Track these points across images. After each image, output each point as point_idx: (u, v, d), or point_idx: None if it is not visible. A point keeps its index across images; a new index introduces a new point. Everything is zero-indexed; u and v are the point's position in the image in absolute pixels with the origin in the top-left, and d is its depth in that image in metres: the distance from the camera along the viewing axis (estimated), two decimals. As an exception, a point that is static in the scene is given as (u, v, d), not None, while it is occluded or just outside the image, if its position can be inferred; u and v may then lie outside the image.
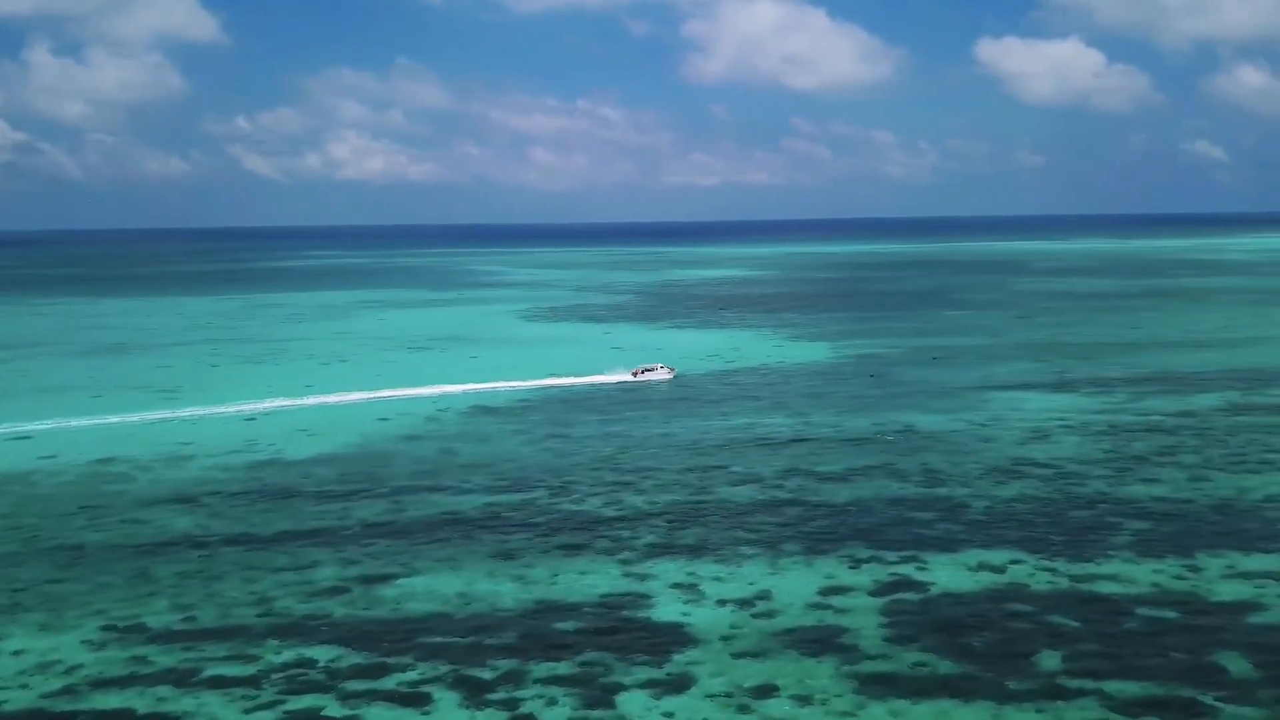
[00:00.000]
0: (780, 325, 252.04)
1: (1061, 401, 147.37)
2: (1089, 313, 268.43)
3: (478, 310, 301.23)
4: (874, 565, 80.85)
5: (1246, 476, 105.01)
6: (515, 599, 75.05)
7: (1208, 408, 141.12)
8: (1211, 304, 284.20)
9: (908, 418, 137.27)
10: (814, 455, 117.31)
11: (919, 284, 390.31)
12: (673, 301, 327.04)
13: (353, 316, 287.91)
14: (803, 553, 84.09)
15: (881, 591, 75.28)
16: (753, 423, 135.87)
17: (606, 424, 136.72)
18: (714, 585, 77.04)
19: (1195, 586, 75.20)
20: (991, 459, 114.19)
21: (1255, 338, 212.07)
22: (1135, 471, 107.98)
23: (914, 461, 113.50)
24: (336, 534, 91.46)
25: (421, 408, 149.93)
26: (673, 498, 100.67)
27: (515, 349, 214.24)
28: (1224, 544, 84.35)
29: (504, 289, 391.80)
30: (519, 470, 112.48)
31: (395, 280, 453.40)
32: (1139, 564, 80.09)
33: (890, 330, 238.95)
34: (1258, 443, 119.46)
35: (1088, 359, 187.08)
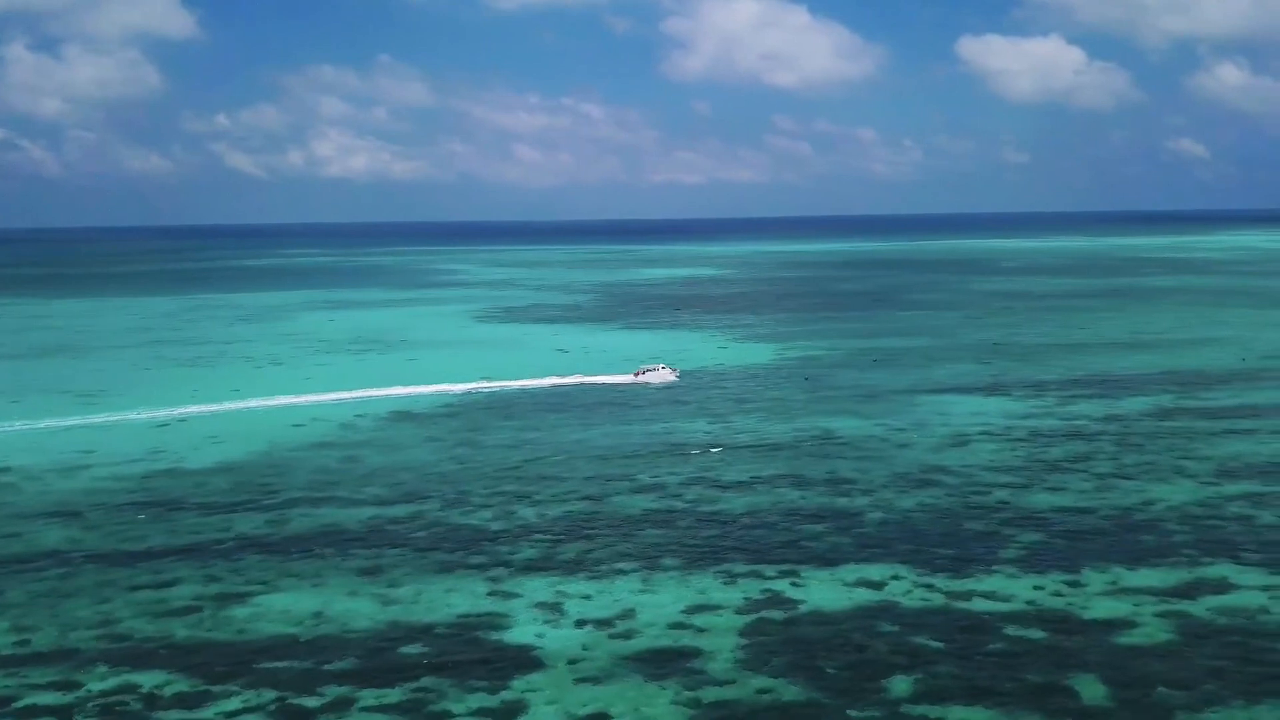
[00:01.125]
0: (730, 327, 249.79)
1: (990, 406, 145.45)
2: (1042, 313, 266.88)
3: (430, 311, 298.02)
4: (750, 581, 78.51)
5: (1155, 486, 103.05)
6: (369, 620, 72.46)
7: (1136, 412, 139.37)
8: (1166, 304, 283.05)
9: (830, 423, 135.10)
10: (723, 463, 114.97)
11: (881, 283, 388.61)
12: (632, 302, 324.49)
13: (302, 317, 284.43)
14: (681, 568, 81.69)
15: (748, 610, 72.92)
16: (672, 429, 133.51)
17: (525, 430, 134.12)
18: (578, 604, 74.58)
19: (1070, 604, 73.04)
20: (902, 467, 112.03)
21: (1201, 339, 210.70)
22: (1044, 480, 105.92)
23: (822, 469, 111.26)
24: (209, 549, 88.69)
25: (341, 413, 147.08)
26: (566, 509, 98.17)
27: (454, 352, 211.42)
28: (1113, 558, 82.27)
29: (464, 289, 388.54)
30: (418, 480, 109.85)
31: (358, 280, 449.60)
32: (1020, 579, 77.94)
33: (840, 331, 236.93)
34: (1175, 449, 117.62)
35: (1028, 361, 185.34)
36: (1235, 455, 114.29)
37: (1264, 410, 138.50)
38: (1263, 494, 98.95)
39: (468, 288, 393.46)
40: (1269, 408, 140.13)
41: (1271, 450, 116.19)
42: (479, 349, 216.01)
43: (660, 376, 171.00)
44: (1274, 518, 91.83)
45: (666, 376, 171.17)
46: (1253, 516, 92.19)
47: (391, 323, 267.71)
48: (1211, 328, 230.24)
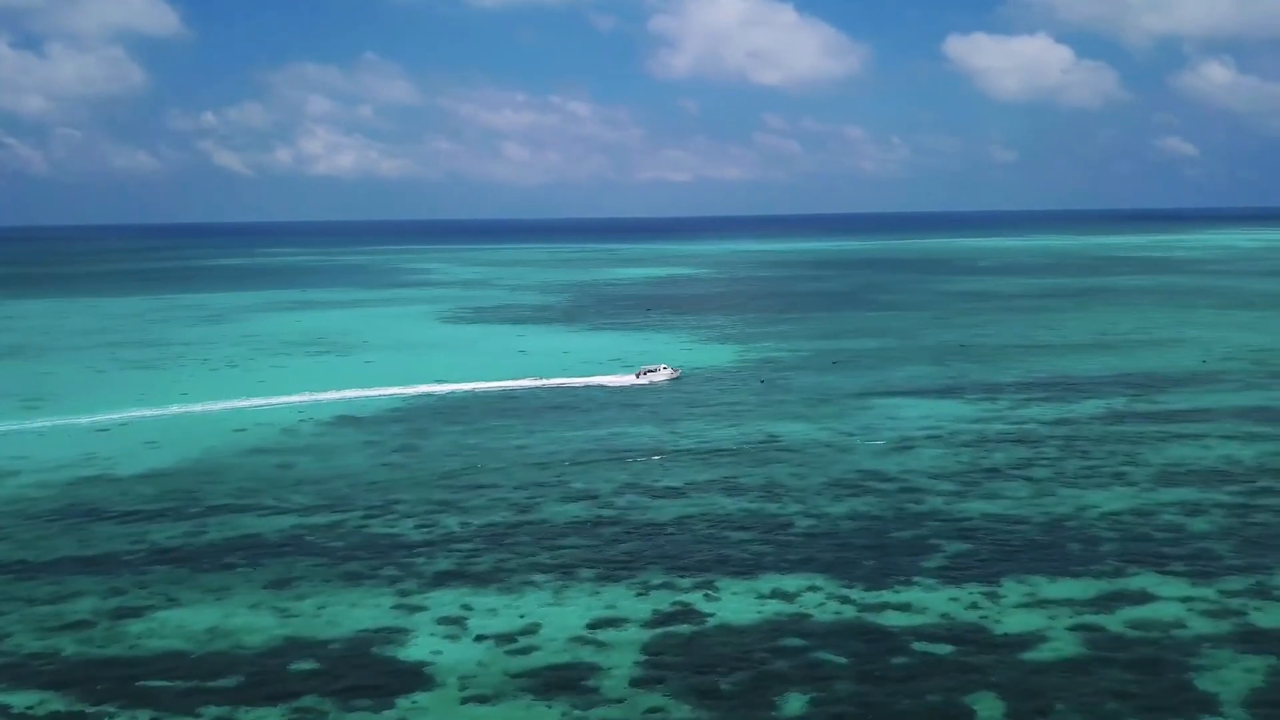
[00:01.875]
0: (697, 328, 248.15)
1: (941, 409, 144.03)
2: (1010, 314, 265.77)
3: (396, 312, 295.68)
4: (663, 593, 76.79)
5: (1092, 493, 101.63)
6: (265, 635, 70.59)
7: (1086, 415, 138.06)
8: (1137, 304, 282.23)
9: (776, 427, 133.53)
10: (661, 469, 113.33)
11: (856, 283, 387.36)
12: (604, 302, 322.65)
13: (267, 318, 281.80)
14: (595, 580, 79.98)
15: (654, 624, 71.23)
16: (617, 433, 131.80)
17: (468, 435, 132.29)
18: (483, 619, 72.79)
19: (984, 618, 71.50)
20: (840, 472, 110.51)
21: (1165, 340, 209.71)
22: (981, 487, 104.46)
23: (760, 475, 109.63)
24: (119, 560, 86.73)
25: (285, 417, 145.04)
26: (491, 519, 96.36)
27: (412, 353, 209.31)
28: (1037, 569, 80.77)
29: (436, 288, 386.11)
30: (347, 487, 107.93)
31: (332, 279, 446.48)
32: (938, 592, 76.38)
33: (805, 332, 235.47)
34: (1120, 455, 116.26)
35: (987, 363, 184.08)
36: (1179, 461, 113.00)
37: (1215, 414, 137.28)
38: (1199, 501, 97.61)
39: (440, 287, 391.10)
40: (1221, 411, 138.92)
41: (1215, 455, 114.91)
42: (438, 351, 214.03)
43: (662, 376, 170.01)
44: (1206, 525, 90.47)
45: (668, 376, 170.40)
46: (1184, 525, 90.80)
47: (356, 324, 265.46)
48: (1178, 328, 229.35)
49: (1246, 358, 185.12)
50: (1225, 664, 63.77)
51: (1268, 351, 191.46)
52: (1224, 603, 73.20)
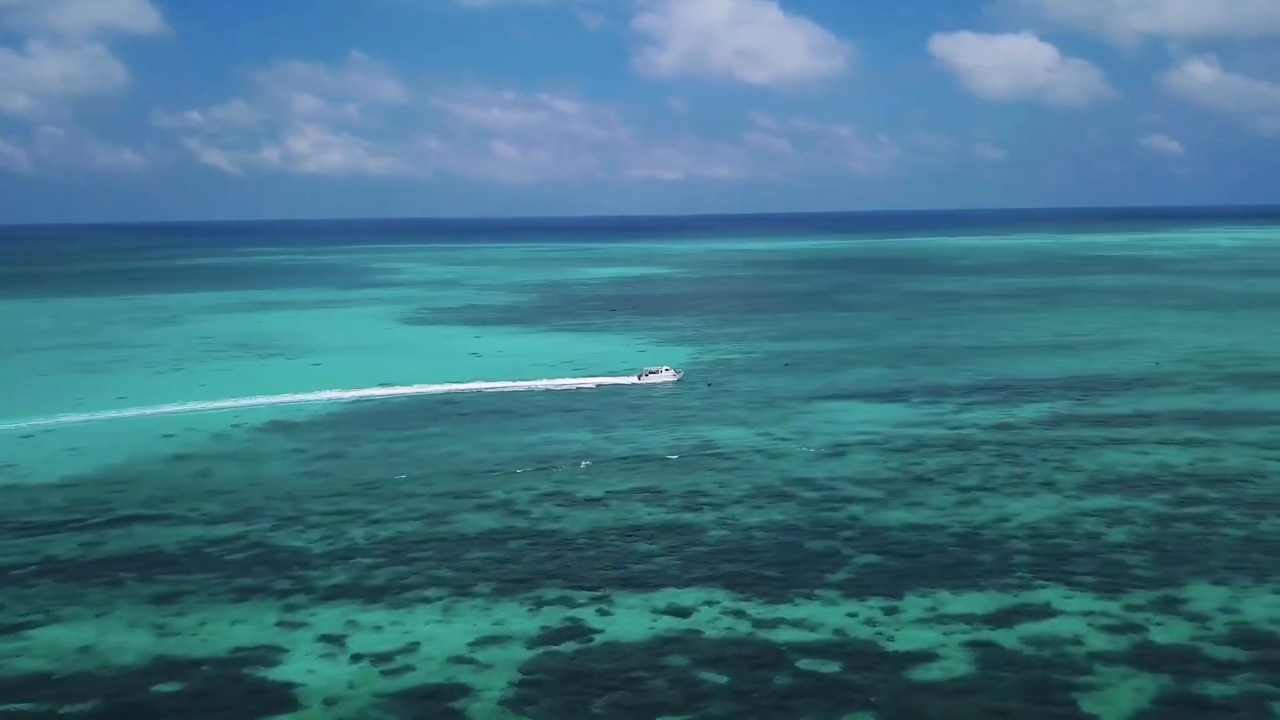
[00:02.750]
0: (659, 329, 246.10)
1: (884, 413, 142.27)
2: (976, 314, 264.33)
3: (360, 313, 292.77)
4: (556, 608, 74.78)
5: (1016, 501, 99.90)
6: (136, 654, 68.38)
7: (1028, 419, 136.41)
8: (1103, 305, 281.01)
9: (713, 432, 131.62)
10: (586, 477, 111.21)
11: (829, 283, 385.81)
12: (571, 302, 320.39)
13: (225, 319, 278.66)
14: (491, 594, 77.94)
15: (539, 642, 69.21)
16: (549, 439, 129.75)
17: (398, 442, 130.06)
18: (365, 636, 70.70)
19: (878, 634, 69.66)
20: (767, 479, 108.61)
21: (1123, 341, 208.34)
22: (906, 495, 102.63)
23: (684, 484, 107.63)
24: (6, 574, 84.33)
25: (218, 422, 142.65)
26: (400, 529, 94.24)
27: (364, 356, 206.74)
28: (943, 581, 78.95)
29: (405, 288, 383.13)
30: (262, 497, 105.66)
31: (303, 280, 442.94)
32: (838, 606, 74.52)
33: (764, 334, 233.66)
34: (1052, 460, 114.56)
35: (940, 365, 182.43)
36: (1111, 467, 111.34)
37: (1157, 418, 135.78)
38: (1122, 510, 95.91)
39: (408, 287, 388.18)
40: (1163, 415, 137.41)
41: (1149, 461, 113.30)
42: (389, 353, 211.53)
43: (662, 378, 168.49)
44: (1124, 536, 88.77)
45: (669, 378, 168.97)
46: (1102, 535, 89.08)
47: (313, 325, 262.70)
48: (1139, 329, 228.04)
49: (1200, 360, 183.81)
50: (1115, 683, 62.04)
51: (1222, 353, 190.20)
52: (1126, 618, 71.48)
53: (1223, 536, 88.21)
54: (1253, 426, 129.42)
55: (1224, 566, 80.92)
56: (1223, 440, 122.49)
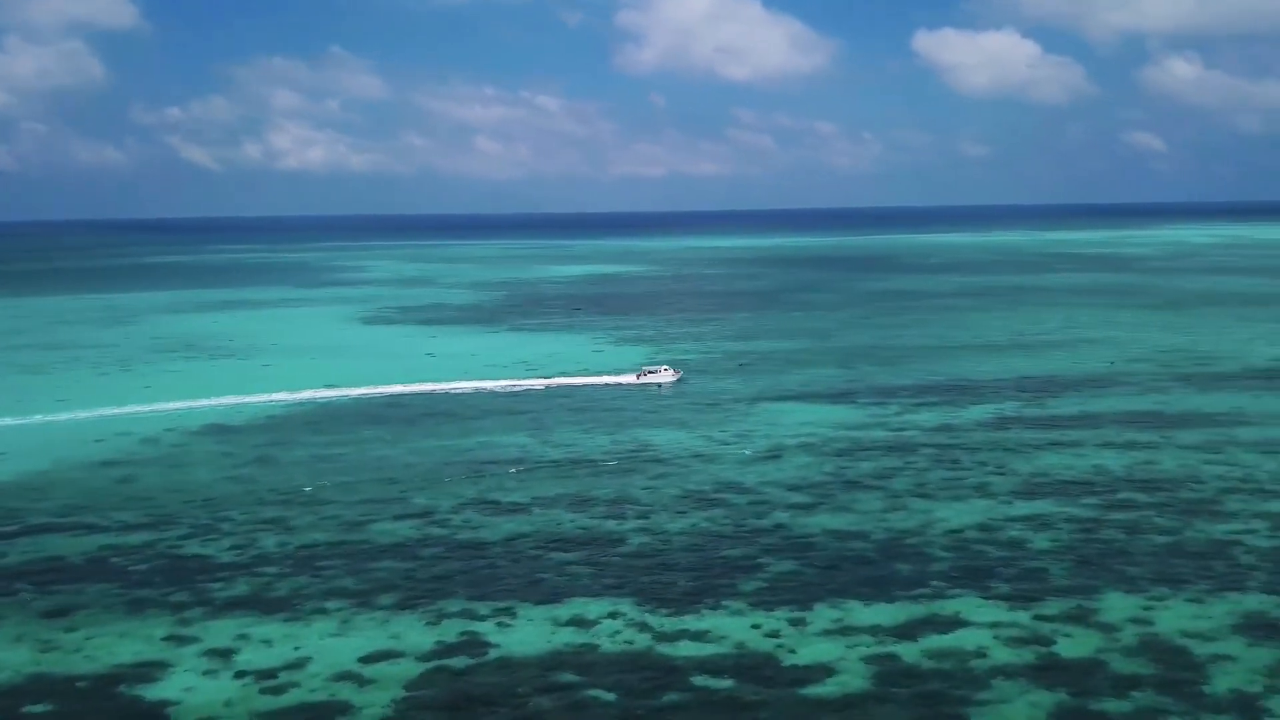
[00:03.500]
0: (618, 328, 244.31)
1: (826, 414, 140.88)
2: (936, 313, 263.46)
3: (318, 312, 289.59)
4: (457, 621, 72.96)
5: (945, 506, 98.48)
6: (13, 671, 66.16)
7: (971, 421, 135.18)
8: (1065, 303, 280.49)
9: (652, 435, 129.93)
10: (514, 482, 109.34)
11: (795, 280, 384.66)
12: (535, 301, 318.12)
13: (181, 319, 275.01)
14: (393, 606, 76.03)
15: (431, 656, 67.37)
16: (487, 443, 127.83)
17: (332, 446, 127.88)
18: (254, 651, 68.72)
19: (780, 646, 68.08)
20: (697, 484, 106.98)
21: (1079, 340, 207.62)
22: (834, 499, 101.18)
23: (612, 489, 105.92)
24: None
25: (152, 426, 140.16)
26: (314, 538, 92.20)
27: (315, 357, 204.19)
28: (857, 591, 77.42)
29: (369, 287, 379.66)
30: (180, 503, 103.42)
31: (266, 278, 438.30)
32: (744, 617, 72.88)
33: (722, 333, 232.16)
34: (988, 465, 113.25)
35: (893, 365, 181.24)
36: (1045, 470, 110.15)
37: (1102, 419, 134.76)
38: (1049, 515, 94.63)
39: (375, 286, 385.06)
40: (1108, 416, 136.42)
41: (1085, 465, 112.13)
42: (342, 354, 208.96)
43: (662, 378, 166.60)
44: (1047, 543, 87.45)
45: (669, 378, 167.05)
46: (1025, 543, 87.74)
47: (269, 325, 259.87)
48: (1098, 328, 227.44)
49: (1154, 359, 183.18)
50: (1011, 698, 60.62)
51: (1176, 353, 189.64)
52: (1034, 629, 70.06)
53: (1147, 543, 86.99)
54: (1195, 428, 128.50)
55: (1143, 575, 79.65)
56: (1163, 443, 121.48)
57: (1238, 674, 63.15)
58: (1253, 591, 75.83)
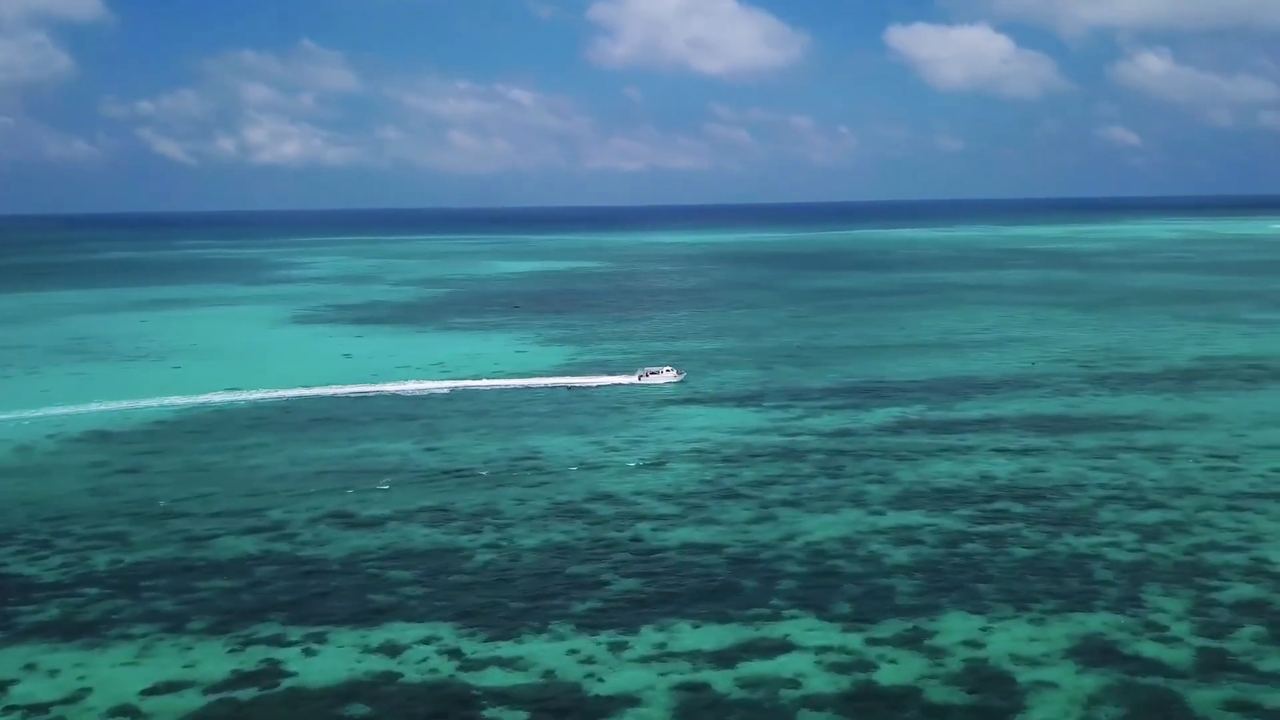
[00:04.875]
0: (549, 328, 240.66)
1: (728, 418, 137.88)
2: (873, 311, 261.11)
3: (247, 311, 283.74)
4: (261, 648, 69.45)
5: (815, 516, 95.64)
6: None
7: (871, 425, 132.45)
8: (1006, 301, 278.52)
9: (542, 442, 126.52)
10: (380, 494, 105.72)
11: (742, 278, 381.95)
12: (477, 299, 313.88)
13: (103, 319, 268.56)
14: (203, 630, 72.45)
15: (221, 688, 63.88)
16: (368, 450, 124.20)
17: (209, 453, 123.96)
18: (36, 682, 65.03)
19: (591, 674, 64.92)
20: (569, 495, 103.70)
21: (1008, 340, 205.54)
22: (705, 510, 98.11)
23: (479, 501, 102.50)
24: None
25: (34, 432, 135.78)
26: (150, 555, 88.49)
27: (230, 359, 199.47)
28: (691, 611, 74.36)
29: (309, 284, 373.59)
30: (24, 517, 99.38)
31: (210, 275, 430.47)
32: (565, 641, 69.72)
33: (650, 332, 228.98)
34: (873, 472, 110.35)
35: (813, 366, 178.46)
36: (928, 478, 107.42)
37: (1003, 423, 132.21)
38: (917, 527, 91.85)
39: (316, 283, 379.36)
40: (1010, 420, 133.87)
41: (970, 472, 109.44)
42: (259, 355, 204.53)
43: (663, 379, 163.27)
44: (905, 557, 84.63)
45: (670, 379, 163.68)
46: (883, 557, 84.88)
47: (198, 325, 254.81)
48: (1031, 327, 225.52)
49: (1077, 360, 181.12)
50: (812, 732, 57.70)
51: (1103, 353, 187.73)
52: (861, 654, 67.19)
53: (1006, 558, 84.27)
54: (1094, 433, 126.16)
55: (992, 593, 76.88)
56: (1057, 449, 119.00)
57: (1056, 703, 60.52)
58: (1098, 611, 73.20)
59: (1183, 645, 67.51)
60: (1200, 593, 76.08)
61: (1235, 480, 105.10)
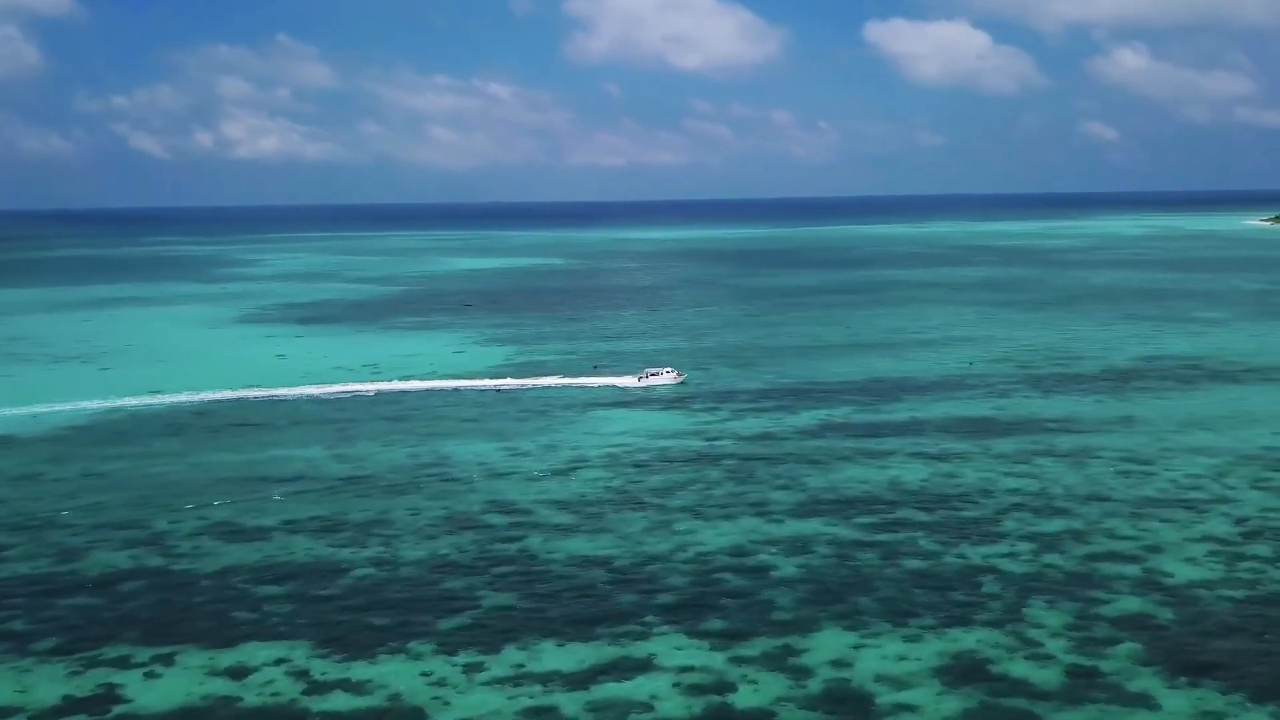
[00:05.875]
0: (495, 327, 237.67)
1: (651, 421, 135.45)
2: (821, 309, 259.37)
3: (190, 311, 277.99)
4: (103, 670, 66.61)
5: (712, 526, 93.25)
6: None
7: (794, 428, 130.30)
8: (957, 299, 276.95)
9: (455, 448, 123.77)
10: (274, 504, 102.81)
11: (702, 275, 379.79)
12: (429, 297, 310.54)
13: (48, 319, 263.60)
14: (47, 652, 69.51)
15: (49, 714, 61.07)
16: (276, 457, 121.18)
17: (110, 460, 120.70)
18: None
19: (437, 699, 62.30)
20: (467, 505, 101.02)
21: (953, 338, 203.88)
22: (601, 519, 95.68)
23: (376, 509, 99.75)
24: None
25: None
26: (16, 572, 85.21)
27: (156, 359, 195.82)
28: (559, 630, 71.89)
29: (263, 282, 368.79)
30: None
31: (166, 272, 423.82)
32: (420, 662, 67.10)
33: (595, 332, 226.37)
34: (781, 478, 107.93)
35: (747, 367, 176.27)
36: (837, 484, 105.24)
37: (927, 426, 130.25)
38: (813, 537, 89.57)
39: (269, 281, 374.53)
40: (935, 422, 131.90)
41: (882, 478, 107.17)
42: (190, 355, 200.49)
43: (664, 381, 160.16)
44: (792, 569, 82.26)
45: (671, 380, 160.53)
46: (770, 569, 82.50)
47: (140, 324, 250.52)
48: (977, 325, 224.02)
49: (1017, 359, 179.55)
50: (650, 761, 55.31)
51: (1045, 352, 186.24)
52: (723, 675, 64.79)
53: (896, 570, 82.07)
54: (1017, 435, 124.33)
55: (872, 608, 74.64)
56: (975, 453, 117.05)
57: (912, 727, 58.30)
58: (977, 627, 71.05)
59: (1054, 664, 65.47)
60: (1085, 606, 74.08)
61: (1147, 486, 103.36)
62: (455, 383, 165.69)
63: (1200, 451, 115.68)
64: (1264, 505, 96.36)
